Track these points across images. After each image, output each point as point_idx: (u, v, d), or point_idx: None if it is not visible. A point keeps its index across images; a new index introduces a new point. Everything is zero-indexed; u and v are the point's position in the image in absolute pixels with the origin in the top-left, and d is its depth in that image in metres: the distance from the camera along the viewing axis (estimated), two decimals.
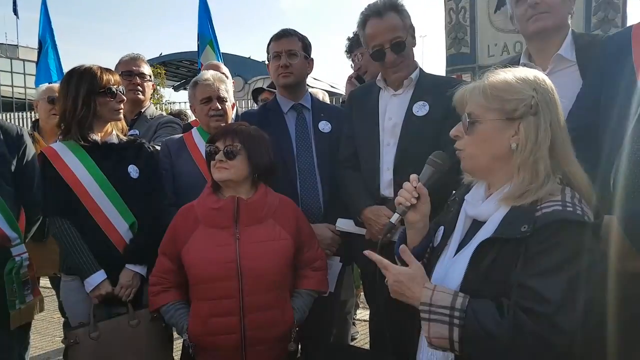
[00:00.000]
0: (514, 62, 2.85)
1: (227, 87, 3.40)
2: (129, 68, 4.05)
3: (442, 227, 2.07)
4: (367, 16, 3.02)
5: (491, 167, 1.86)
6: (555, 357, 1.61)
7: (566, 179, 1.79)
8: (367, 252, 1.91)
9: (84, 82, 2.98)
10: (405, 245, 1.94)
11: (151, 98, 4.49)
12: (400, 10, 3.00)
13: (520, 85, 1.78)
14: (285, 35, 3.39)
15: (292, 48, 3.35)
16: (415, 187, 2.02)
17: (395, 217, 2.05)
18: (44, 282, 4.51)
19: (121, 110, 3.11)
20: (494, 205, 1.83)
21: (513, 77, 1.81)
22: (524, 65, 2.69)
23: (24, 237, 3.30)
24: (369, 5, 3.04)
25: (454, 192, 2.21)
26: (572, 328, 1.57)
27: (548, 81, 1.83)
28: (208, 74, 3.37)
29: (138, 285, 3.02)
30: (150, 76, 4.22)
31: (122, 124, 3.24)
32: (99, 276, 2.93)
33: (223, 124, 3.19)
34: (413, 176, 2.07)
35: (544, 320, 1.58)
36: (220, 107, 3.28)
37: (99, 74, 3.01)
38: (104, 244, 2.97)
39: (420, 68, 3.12)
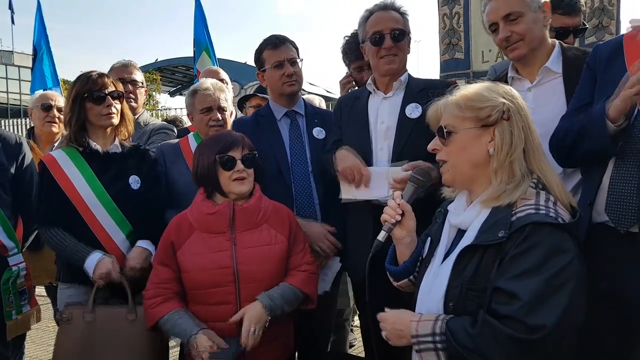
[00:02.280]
0: (503, 74, 2.88)
1: (227, 96, 3.37)
2: (120, 76, 3.99)
3: (430, 239, 2.13)
4: (372, 11, 3.09)
5: (472, 176, 1.93)
6: (545, 356, 1.66)
7: (540, 183, 1.86)
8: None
9: (75, 86, 3.01)
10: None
11: (147, 104, 4.49)
12: (403, 14, 3.10)
13: (490, 94, 1.88)
14: (282, 43, 3.35)
15: (292, 56, 3.33)
16: (398, 205, 2.08)
17: (382, 235, 2.10)
18: (39, 290, 4.48)
19: (111, 115, 3.04)
20: (476, 212, 1.90)
21: (482, 87, 1.93)
22: (512, 78, 2.77)
23: (21, 245, 3.29)
24: (377, 4, 3.12)
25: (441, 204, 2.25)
26: (550, 324, 1.61)
27: (514, 91, 1.96)
28: (208, 83, 3.34)
29: (147, 265, 2.94)
30: (142, 82, 4.20)
31: (128, 128, 3.21)
32: (95, 255, 2.89)
33: None
34: (396, 194, 2.14)
35: (516, 321, 1.63)
36: (220, 117, 3.28)
37: (91, 78, 3.01)
38: None
39: (408, 72, 3.15)
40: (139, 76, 4.16)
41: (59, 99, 4.37)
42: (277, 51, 3.32)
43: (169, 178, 3.32)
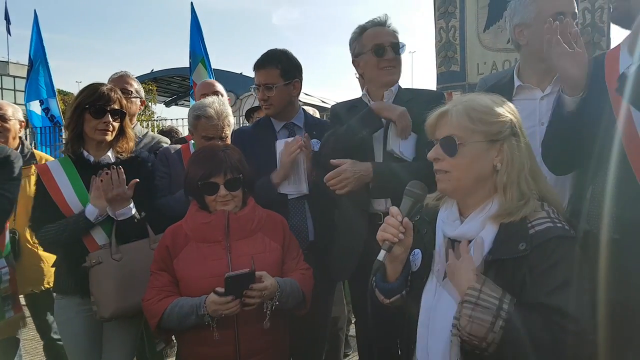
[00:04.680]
0: (506, 82, 2.89)
1: (230, 120, 3.32)
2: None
3: (417, 251, 2.06)
4: (366, 27, 3.17)
5: (473, 189, 1.91)
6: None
7: (540, 195, 1.88)
8: None
9: (81, 95, 3.03)
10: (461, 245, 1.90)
11: (142, 114, 4.44)
12: (395, 32, 3.18)
13: (500, 109, 1.87)
14: (262, 66, 3.35)
15: (267, 81, 3.31)
16: (401, 222, 1.96)
17: (382, 255, 1.97)
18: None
19: (106, 132, 3.04)
20: (479, 224, 1.87)
21: (491, 101, 1.90)
22: (520, 87, 2.77)
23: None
24: (369, 21, 3.20)
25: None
26: (590, 328, 1.71)
27: (513, 106, 1.95)
28: (212, 110, 3.25)
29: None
30: (136, 92, 4.15)
31: (128, 145, 3.20)
32: (88, 208, 2.94)
33: None
34: (394, 210, 2.00)
35: (577, 336, 1.67)
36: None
37: (98, 91, 3.02)
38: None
39: (398, 84, 3.21)
40: (132, 86, 4.12)
41: (6, 109, 4.19)
42: (256, 74, 3.37)
43: (171, 178, 3.38)
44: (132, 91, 4.10)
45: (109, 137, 3.08)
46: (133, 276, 2.92)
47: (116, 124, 3.09)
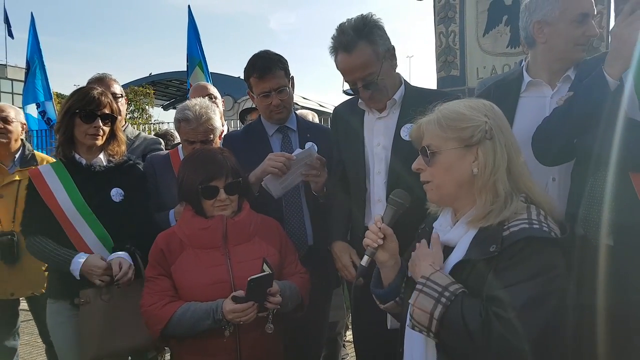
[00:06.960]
0: (514, 78, 2.87)
1: (214, 122, 3.20)
2: None
3: None
4: (336, 48, 2.80)
5: (457, 194, 1.92)
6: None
7: (529, 198, 1.86)
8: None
9: (71, 99, 3.00)
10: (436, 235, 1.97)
11: (140, 118, 4.42)
12: (370, 39, 2.72)
13: (472, 113, 1.87)
14: (268, 71, 3.15)
15: (279, 85, 3.17)
16: (380, 228, 2.04)
17: (365, 260, 2.07)
18: (24, 304, 4.42)
19: (96, 137, 3.01)
20: (463, 230, 1.89)
21: (464, 106, 1.90)
22: (530, 82, 2.77)
23: None
24: (338, 36, 2.78)
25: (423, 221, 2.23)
26: (532, 334, 1.63)
27: (496, 107, 1.93)
28: (191, 114, 3.14)
29: (132, 269, 2.91)
30: (122, 93, 4.09)
31: (121, 148, 3.17)
32: (79, 257, 2.88)
33: None
34: (377, 217, 2.08)
35: (507, 323, 1.63)
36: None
37: (88, 95, 2.98)
38: None
39: (405, 83, 2.96)
40: (117, 88, 4.06)
41: (9, 111, 4.15)
42: (262, 81, 3.17)
43: (158, 189, 3.31)
44: (118, 93, 4.03)
45: (100, 142, 3.05)
46: (119, 322, 2.86)
47: (107, 128, 3.06)
